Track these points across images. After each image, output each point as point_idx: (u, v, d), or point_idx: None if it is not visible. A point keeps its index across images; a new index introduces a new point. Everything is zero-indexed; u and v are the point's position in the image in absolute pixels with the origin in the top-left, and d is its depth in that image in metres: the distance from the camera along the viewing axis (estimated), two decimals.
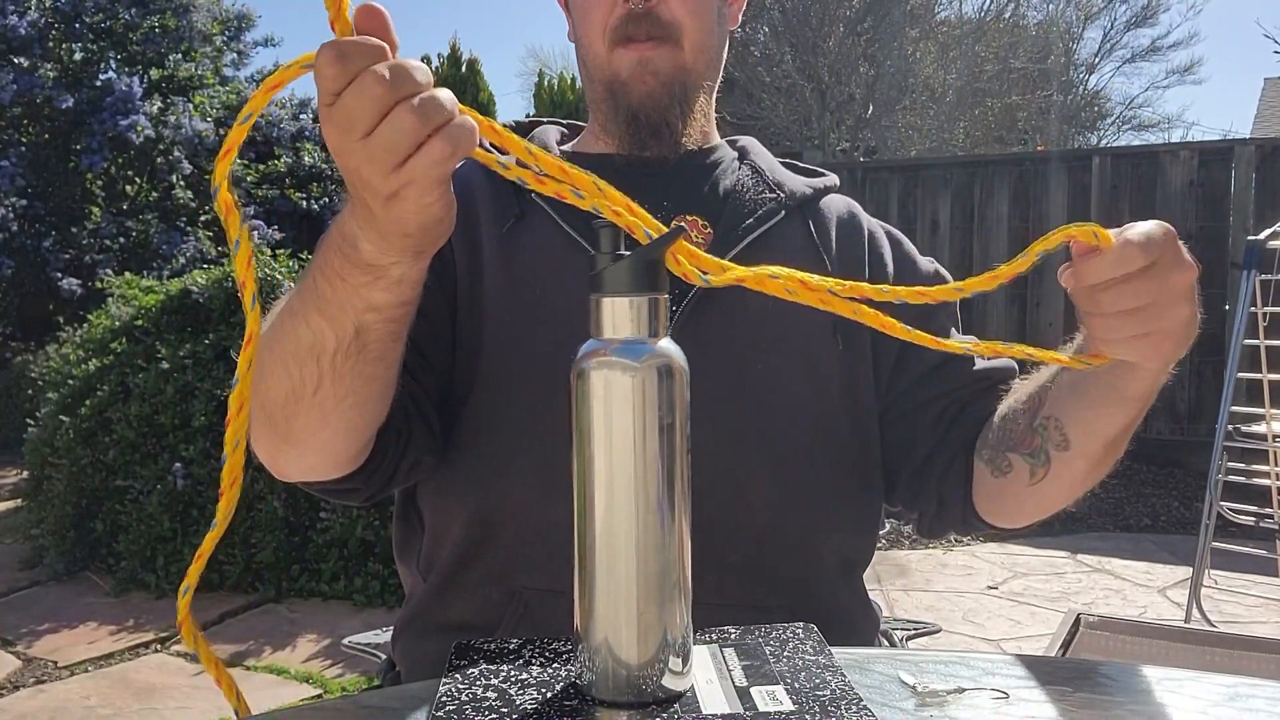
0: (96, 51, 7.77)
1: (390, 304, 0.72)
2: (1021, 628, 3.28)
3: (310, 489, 0.91)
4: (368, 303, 0.71)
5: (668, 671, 0.64)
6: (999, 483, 0.94)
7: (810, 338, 0.99)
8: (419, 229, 0.65)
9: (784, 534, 0.96)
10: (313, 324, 0.74)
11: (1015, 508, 0.96)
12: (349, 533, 3.42)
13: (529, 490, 0.93)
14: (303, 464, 0.85)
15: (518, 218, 1.00)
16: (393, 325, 0.75)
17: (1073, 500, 0.93)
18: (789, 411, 0.97)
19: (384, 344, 0.76)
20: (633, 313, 0.63)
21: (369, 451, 0.87)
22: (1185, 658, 1.91)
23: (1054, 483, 0.90)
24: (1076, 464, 0.88)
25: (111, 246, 7.29)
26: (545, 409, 0.93)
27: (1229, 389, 3.20)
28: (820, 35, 10.97)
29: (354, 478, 0.89)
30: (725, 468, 0.91)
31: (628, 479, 0.62)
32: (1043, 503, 0.94)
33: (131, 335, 4.10)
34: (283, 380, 0.77)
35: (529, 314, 0.97)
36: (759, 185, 1.06)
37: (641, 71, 0.99)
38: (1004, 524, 0.99)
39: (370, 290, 0.70)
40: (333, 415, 0.78)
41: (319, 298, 0.73)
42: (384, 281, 0.70)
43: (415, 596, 1.02)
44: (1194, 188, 5.53)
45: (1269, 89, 15.89)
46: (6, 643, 3.16)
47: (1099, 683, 0.76)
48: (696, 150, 1.07)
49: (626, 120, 1.01)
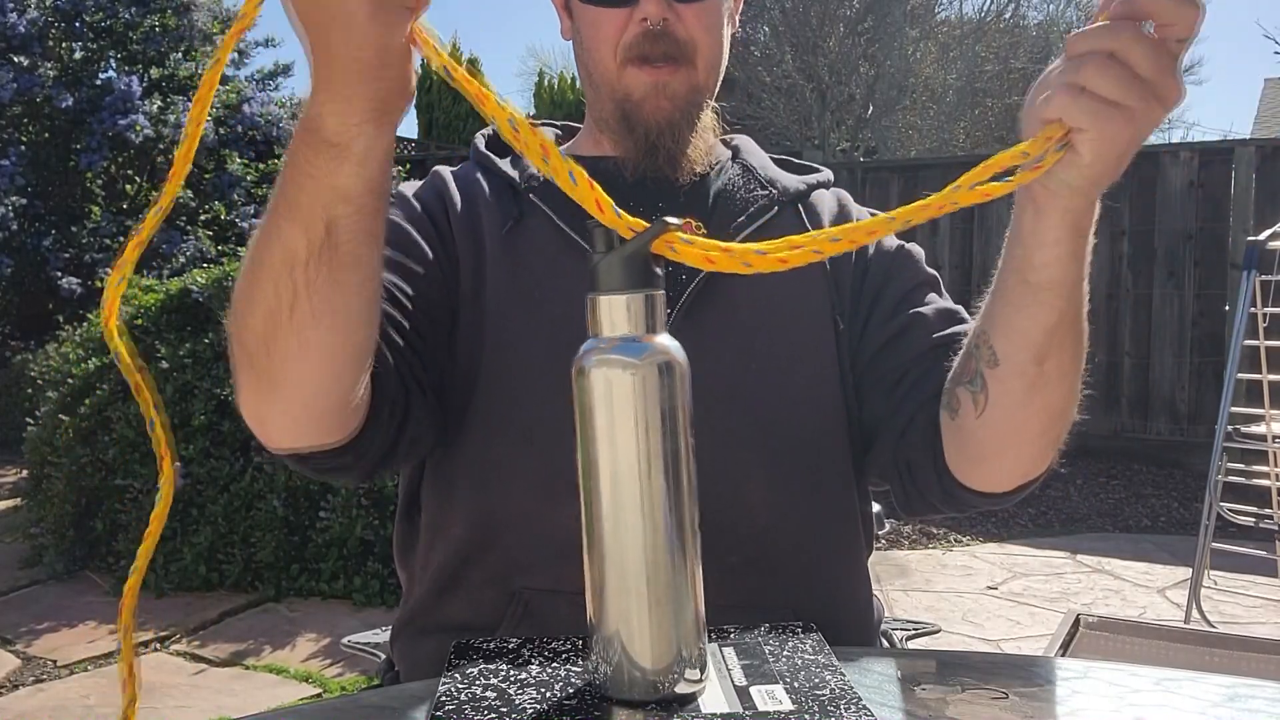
0: (96, 50, 7.77)
1: (358, 189, 0.70)
2: (1021, 628, 3.29)
3: (305, 468, 0.88)
4: (335, 190, 0.70)
5: (682, 666, 0.64)
6: (955, 426, 0.90)
7: (809, 328, 1.00)
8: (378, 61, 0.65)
9: (783, 533, 0.96)
10: (283, 234, 0.72)
11: (976, 452, 0.91)
12: (349, 532, 3.42)
13: (530, 491, 0.93)
14: (288, 415, 0.82)
15: (516, 220, 1.00)
16: (364, 220, 0.72)
17: (1028, 445, 0.87)
18: (785, 409, 0.97)
19: (357, 243, 0.73)
20: (629, 310, 0.63)
21: (360, 420, 0.85)
22: (1185, 658, 1.91)
23: (996, 409, 0.85)
24: (1012, 383, 0.83)
25: (111, 246, 7.28)
26: (546, 410, 0.93)
27: (1229, 389, 3.20)
28: (820, 35, 10.96)
29: (347, 451, 0.86)
30: (722, 468, 0.91)
31: (632, 476, 0.62)
32: (996, 441, 0.88)
33: (131, 334, 4.09)
34: (259, 308, 0.75)
35: (529, 315, 0.97)
36: (750, 183, 1.06)
37: (657, 95, 0.98)
38: (976, 482, 0.93)
39: (336, 176, 0.69)
40: (311, 340, 0.75)
41: (287, 204, 0.72)
42: (349, 163, 0.69)
43: (414, 596, 1.02)
44: (1194, 188, 5.53)
45: (1269, 89, 15.91)
46: (6, 641, 3.16)
47: (1098, 683, 0.76)
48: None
49: (642, 145, 1.00)
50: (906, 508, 1.02)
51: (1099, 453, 5.69)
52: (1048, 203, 0.73)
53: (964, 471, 0.93)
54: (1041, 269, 0.76)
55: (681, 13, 0.97)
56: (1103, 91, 0.66)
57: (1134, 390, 5.73)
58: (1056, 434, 0.87)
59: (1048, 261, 0.76)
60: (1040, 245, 0.75)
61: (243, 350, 0.79)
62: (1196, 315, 5.59)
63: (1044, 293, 0.77)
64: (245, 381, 0.80)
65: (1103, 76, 0.66)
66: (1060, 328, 0.79)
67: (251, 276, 0.76)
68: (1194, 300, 5.59)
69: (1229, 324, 5.06)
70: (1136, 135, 0.68)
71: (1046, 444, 0.87)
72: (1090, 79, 0.66)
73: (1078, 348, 0.82)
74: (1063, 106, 0.67)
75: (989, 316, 0.83)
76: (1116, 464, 5.60)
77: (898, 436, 0.97)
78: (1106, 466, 5.56)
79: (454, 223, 1.01)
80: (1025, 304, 0.79)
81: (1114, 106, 0.66)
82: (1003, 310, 0.81)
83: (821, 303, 1.01)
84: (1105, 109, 0.66)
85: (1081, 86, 0.67)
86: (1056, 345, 0.80)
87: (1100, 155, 0.68)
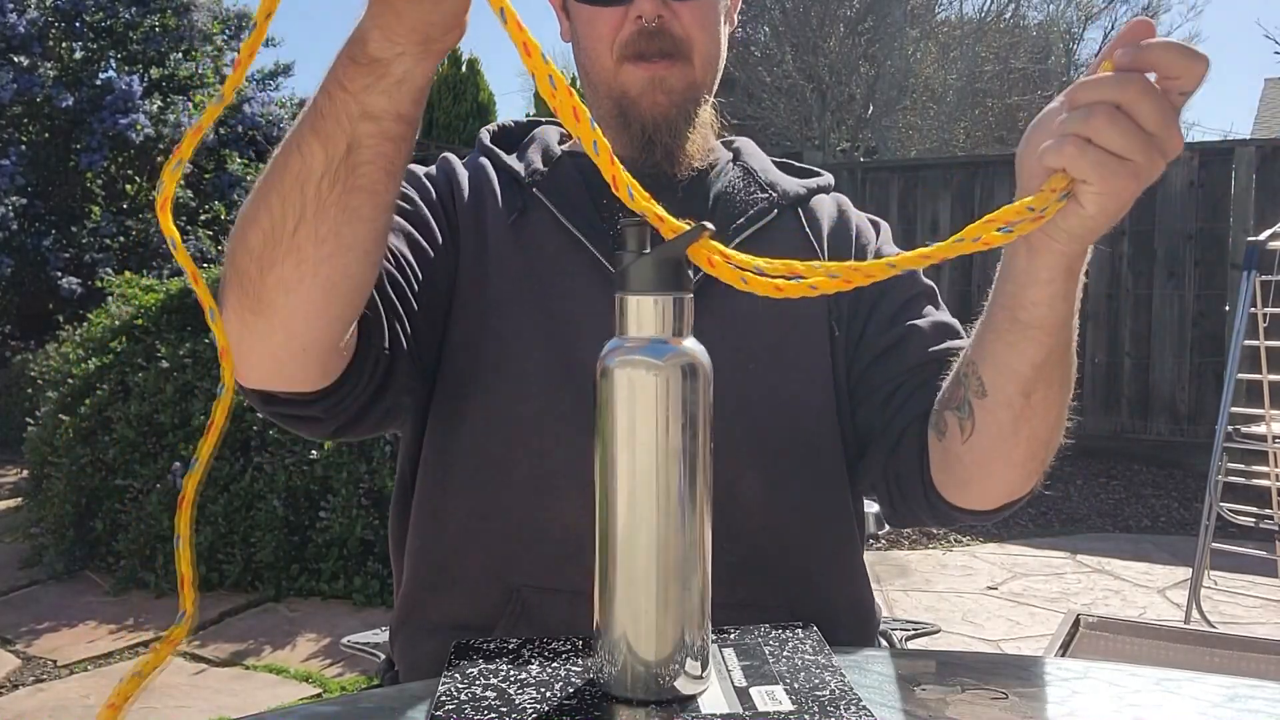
0: (96, 50, 7.77)
1: (387, 111, 0.70)
2: (1021, 628, 3.29)
3: (271, 412, 0.87)
4: (363, 108, 0.70)
5: (685, 671, 0.64)
6: (942, 448, 0.91)
7: (806, 331, 1.00)
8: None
9: (780, 532, 0.96)
10: (304, 148, 0.72)
11: (962, 475, 0.92)
12: (348, 532, 3.43)
13: (527, 486, 0.93)
14: (269, 346, 0.80)
15: (520, 212, 1.01)
16: (386, 146, 0.72)
17: (1012, 471, 0.88)
18: (781, 409, 0.98)
19: (374, 171, 0.73)
20: (657, 311, 0.63)
21: (340, 370, 0.84)
22: (1184, 658, 1.91)
23: (983, 436, 0.86)
24: (999, 414, 0.84)
25: (111, 245, 7.29)
26: (545, 406, 0.93)
27: (1229, 390, 3.20)
28: (820, 35, 10.97)
29: (319, 400, 0.85)
30: (718, 467, 0.91)
31: (650, 478, 0.62)
32: (981, 466, 0.89)
33: (131, 334, 4.10)
34: (262, 223, 0.74)
35: (530, 309, 0.97)
36: (750, 186, 1.06)
37: (654, 90, 0.98)
38: (961, 500, 0.94)
39: (369, 94, 0.69)
40: (309, 266, 0.74)
41: (315, 115, 0.72)
42: (385, 82, 0.69)
43: (409, 591, 1.02)
44: (1194, 188, 5.53)
45: (1269, 89, 15.90)
46: (6, 641, 3.16)
47: (1098, 683, 0.76)
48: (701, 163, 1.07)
49: (639, 140, 1.00)
50: (893, 518, 1.04)
51: (1099, 453, 5.69)
52: (1043, 245, 0.73)
53: (950, 491, 0.94)
54: (1032, 308, 0.77)
55: (677, 10, 0.98)
56: (1111, 146, 0.65)
57: (1134, 390, 5.74)
58: (1041, 460, 0.88)
59: (1038, 300, 0.76)
60: (1032, 284, 0.76)
61: (234, 271, 0.77)
62: (1197, 315, 5.59)
63: (1033, 330, 0.78)
64: (232, 304, 0.78)
65: (1112, 129, 0.65)
66: (1048, 364, 0.80)
67: (260, 192, 0.75)
68: (1194, 300, 5.59)
69: (1229, 324, 5.06)
70: (1139, 188, 0.68)
71: (1032, 469, 0.89)
72: (1099, 132, 0.65)
73: (1065, 381, 0.83)
74: (1070, 158, 0.66)
75: (979, 347, 0.84)
76: (1116, 464, 5.60)
77: (888, 452, 0.98)
78: (1106, 466, 5.57)
79: (460, 209, 1.02)
80: (1014, 340, 0.80)
81: (1120, 160, 0.66)
82: (992, 344, 0.82)
83: (819, 308, 1.01)
84: (1112, 163, 0.66)
85: (1088, 138, 0.66)
86: (1044, 380, 0.81)
87: (1104, 209, 0.68)
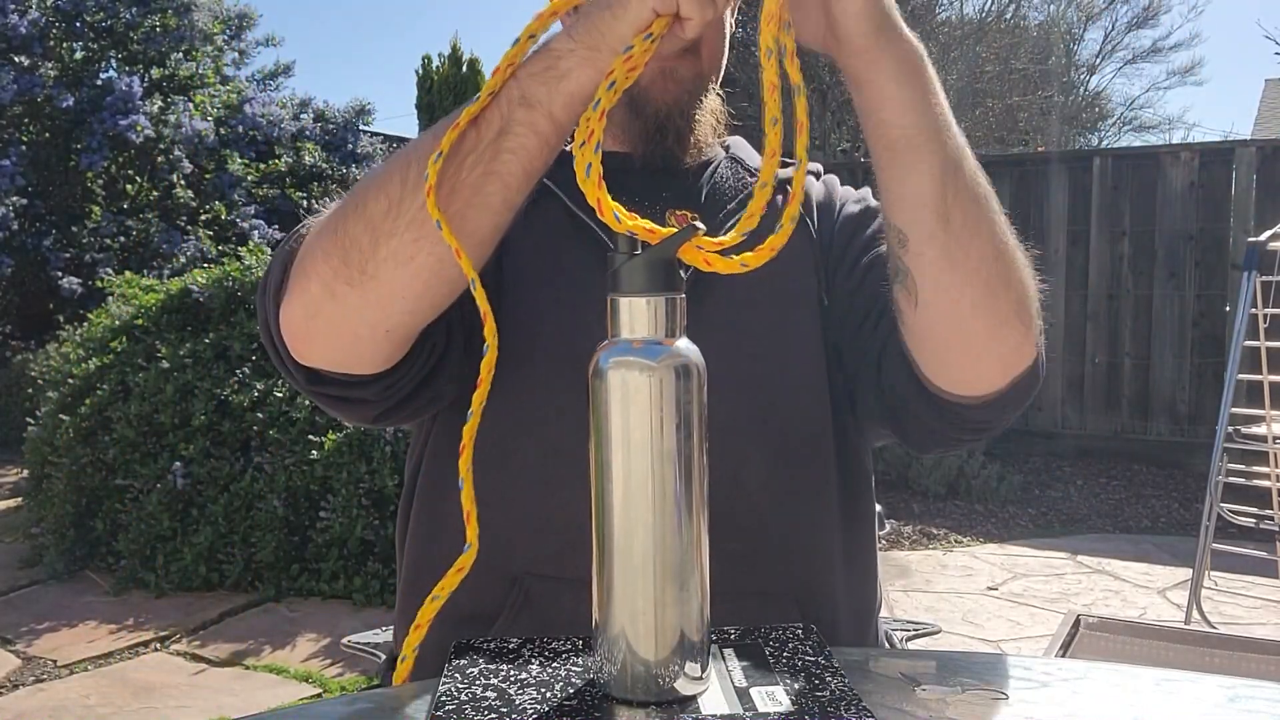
0: (97, 50, 7.78)
1: (542, 103, 0.75)
2: (1021, 629, 3.29)
3: (315, 392, 0.90)
4: (524, 93, 0.75)
5: (684, 672, 0.64)
6: (907, 331, 0.89)
7: (801, 311, 1.00)
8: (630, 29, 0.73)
9: (783, 521, 0.96)
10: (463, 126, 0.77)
11: (936, 347, 0.88)
12: (349, 532, 3.43)
13: (532, 475, 0.94)
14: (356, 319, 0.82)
15: (532, 200, 1.01)
16: (532, 140, 0.77)
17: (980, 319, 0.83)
18: (782, 395, 0.98)
19: (515, 162, 0.77)
20: (650, 312, 0.63)
21: (402, 355, 0.87)
22: (1185, 659, 1.91)
23: (925, 289, 0.83)
24: (926, 253, 0.81)
25: (112, 245, 7.29)
26: (551, 395, 0.93)
27: (1229, 390, 3.20)
28: None
29: (372, 385, 0.88)
30: (720, 455, 0.91)
31: (644, 478, 0.62)
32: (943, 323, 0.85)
33: (131, 334, 4.10)
34: (393, 188, 0.78)
35: (539, 296, 0.98)
36: (739, 173, 1.08)
37: (664, 80, 0.99)
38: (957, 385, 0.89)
39: (533, 81, 0.75)
40: (427, 243, 0.77)
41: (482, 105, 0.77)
42: (550, 73, 0.75)
43: (412, 579, 1.02)
44: (1195, 189, 5.53)
45: (1270, 90, 15.90)
46: (6, 641, 3.16)
47: (1098, 684, 0.76)
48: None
49: (650, 127, 1.01)
50: (908, 440, 1.00)
51: (1099, 453, 5.69)
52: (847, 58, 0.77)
53: (939, 375, 0.90)
54: (894, 125, 0.78)
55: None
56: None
57: (1134, 391, 5.73)
58: (1008, 306, 0.83)
59: (896, 112, 0.78)
60: (881, 101, 0.78)
61: (337, 242, 0.80)
62: (1197, 316, 5.59)
63: (911, 149, 0.78)
64: (324, 276, 0.81)
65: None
66: (946, 179, 0.79)
67: (399, 161, 0.79)
68: (1194, 301, 5.58)
69: (1229, 325, 5.06)
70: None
71: (1000, 318, 0.84)
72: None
73: (979, 202, 0.81)
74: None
75: (882, 200, 0.84)
76: (1117, 465, 5.60)
77: (875, 371, 0.96)
78: (1107, 467, 5.56)
79: None
80: (900, 168, 0.80)
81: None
82: (886, 185, 0.82)
83: (810, 280, 1.02)
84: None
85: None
86: (953, 198, 0.79)
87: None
